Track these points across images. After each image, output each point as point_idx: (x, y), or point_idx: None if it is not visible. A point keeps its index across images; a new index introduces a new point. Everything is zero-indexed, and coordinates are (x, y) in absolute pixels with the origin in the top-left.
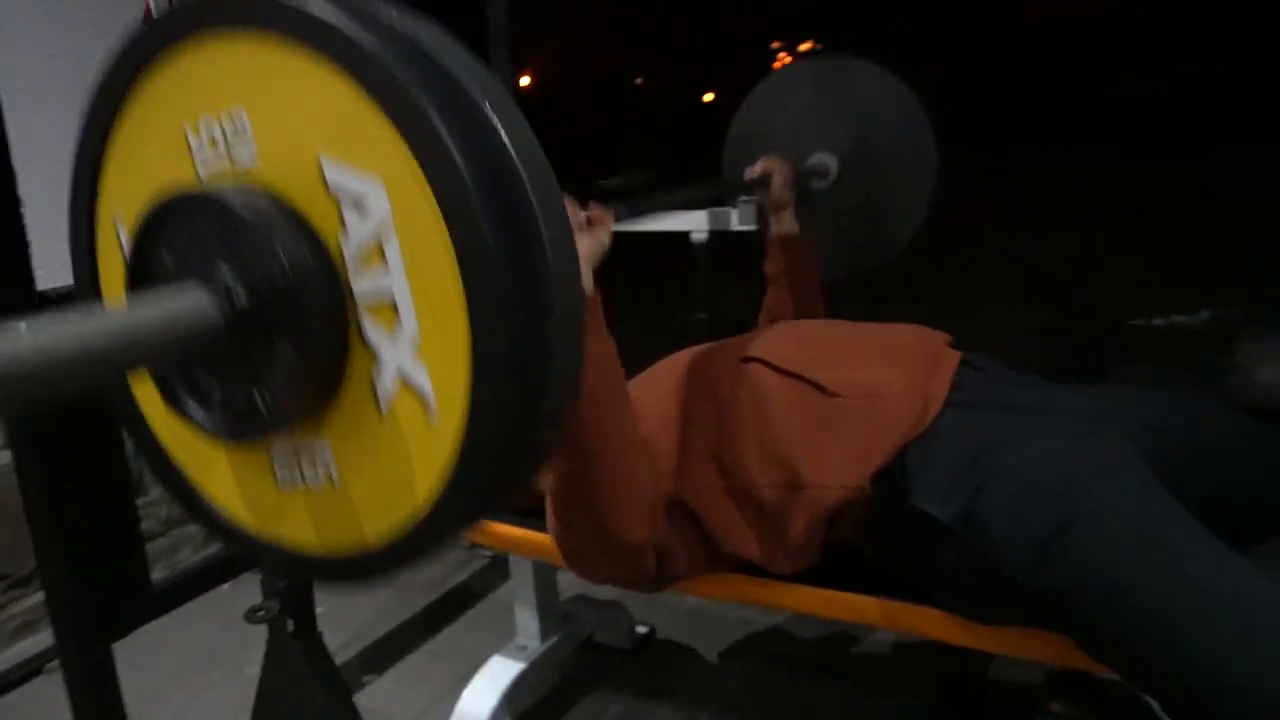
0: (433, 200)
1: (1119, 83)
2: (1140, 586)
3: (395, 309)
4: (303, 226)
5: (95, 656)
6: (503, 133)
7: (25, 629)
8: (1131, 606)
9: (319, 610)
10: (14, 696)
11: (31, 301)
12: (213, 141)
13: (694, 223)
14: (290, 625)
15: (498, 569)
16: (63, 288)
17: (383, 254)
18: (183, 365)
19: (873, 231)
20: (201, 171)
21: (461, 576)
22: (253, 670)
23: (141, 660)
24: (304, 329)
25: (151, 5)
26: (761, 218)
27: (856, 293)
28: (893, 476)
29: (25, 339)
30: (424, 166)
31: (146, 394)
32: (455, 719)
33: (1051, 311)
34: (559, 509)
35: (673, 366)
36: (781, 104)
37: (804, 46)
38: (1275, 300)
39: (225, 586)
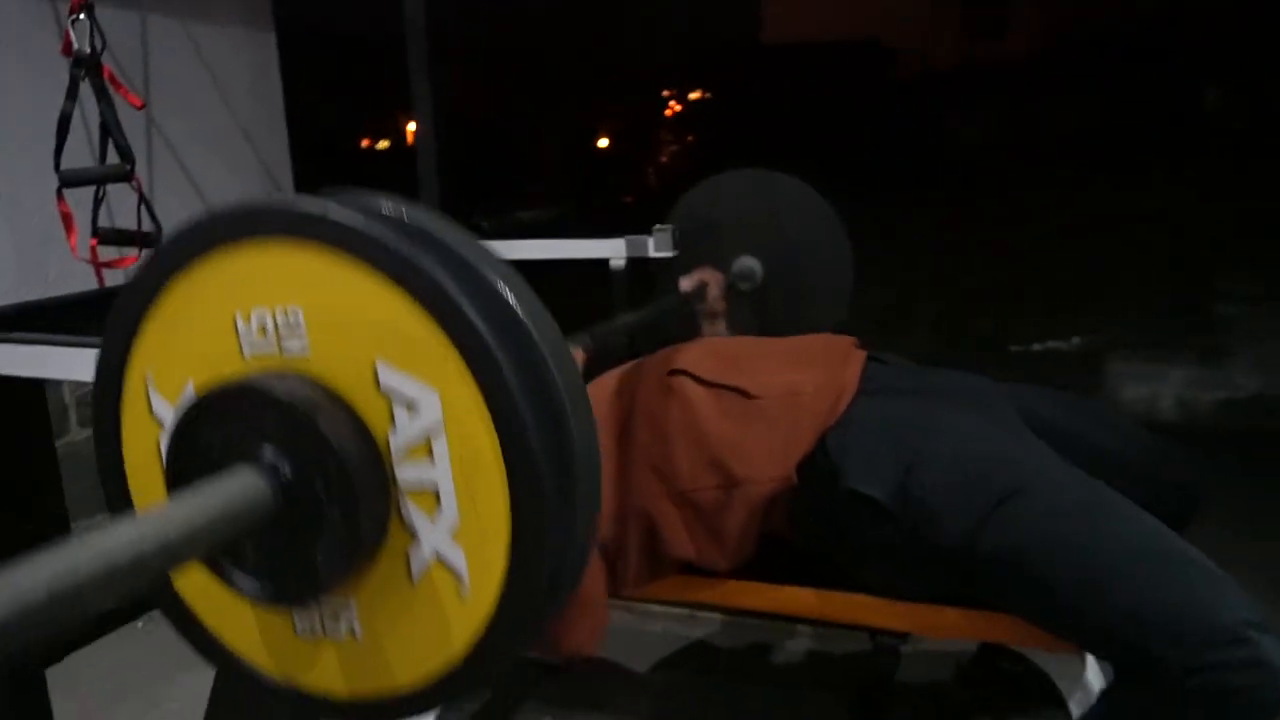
0: (487, 416)
1: (971, 133)
2: (1075, 546)
3: (438, 497)
4: (352, 416)
5: (28, 682)
6: (543, 349)
7: None
8: (1068, 565)
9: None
10: None
11: None
12: (262, 330)
13: (612, 250)
14: None
15: None
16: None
17: (429, 450)
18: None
19: (796, 327)
20: (246, 353)
21: None
22: (172, 705)
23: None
24: (349, 506)
25: (72, 36)
26: (696, 322)
27: None
28: (816, 464)
29: (75, 555)
30: (481, 387)
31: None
32: None
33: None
34: None
35: (603, 386)
36: (709, 213)
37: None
38: (1134, 325)
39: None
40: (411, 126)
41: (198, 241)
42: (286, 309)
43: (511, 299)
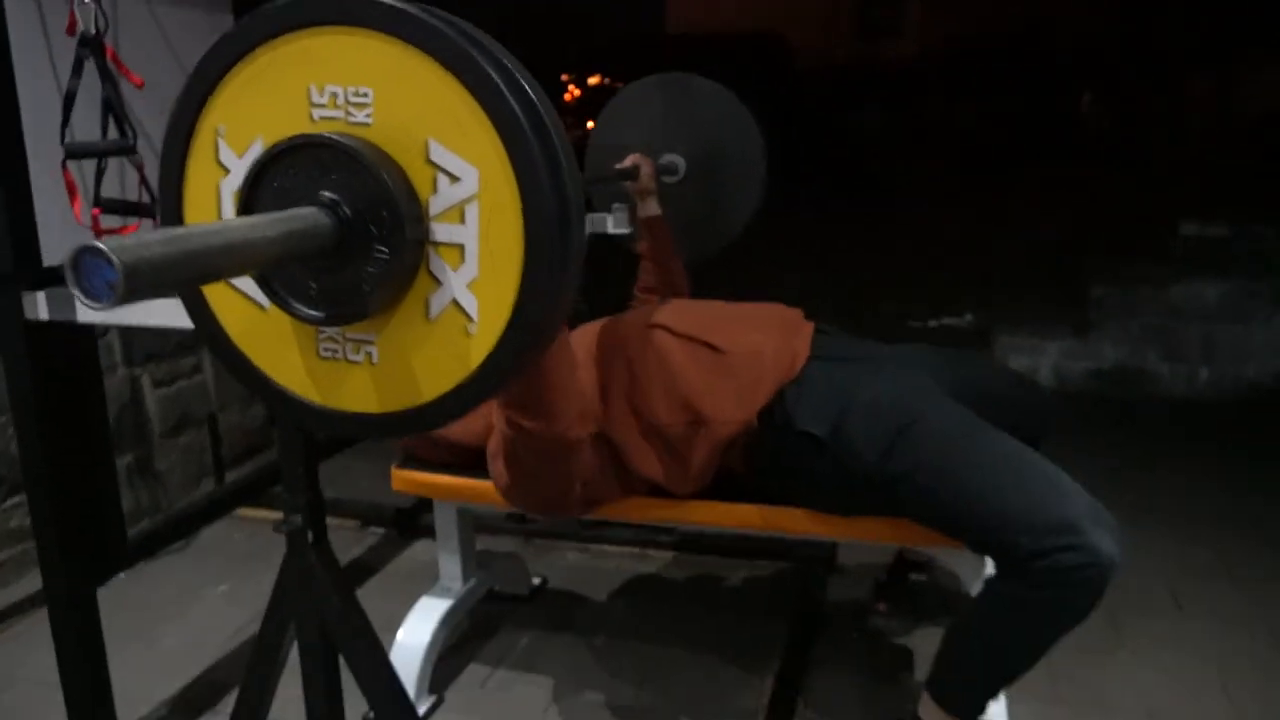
0: (516, 193)
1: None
2: (953, 464)
3: (462, 253)
4: (402, 175)
5: (80, 599)
6: (561, 150)
7: None
8: (952, 476)
9: (222, 588)
10: None
11: (41, 276)
12: (333, 101)
13: None
14: (310, 536)
15: (389, 545)
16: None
17: (462, 214)
18: (289, 268)
19: (713, 221)
20: (315, 117)
21: (357, 552)
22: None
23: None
24: (396, 244)
25: (77, 16)
26: (630, 204)
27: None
28: (773, 412)
29: (199, 234)
30: (515, 169)
31: (216, 299)
32: (396, 650)
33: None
34: (507, 434)
35: (586, 332)
36: (635, 113)
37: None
38: (1017, 305)
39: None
40: None
41: (287, 18)
42: (358, 87)
43: (541, 105)
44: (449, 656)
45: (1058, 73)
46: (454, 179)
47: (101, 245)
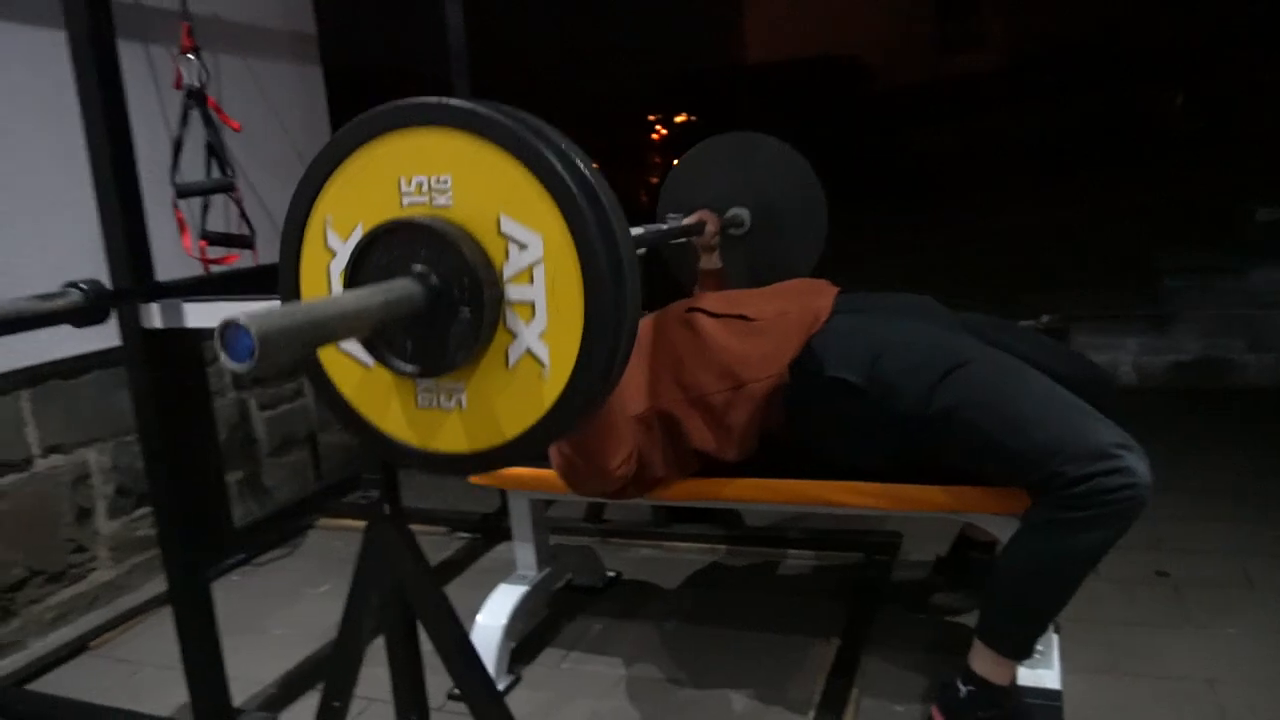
0: (574, 254)
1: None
2: (997, 399)
3: (533, 309)
4: (479, 247)
5: (197, 589)
6: (611, 213)
7: (60, 620)
8: (992, 412)
9: (324, 588)
10: (61, 672)
11: (152, 289)
12: (419, 188)
13: None
14: (386, 509)
15: (475, 547)
16: (172, 281)
17: (531, 276)
18: (389, 331)
19: (776, 270)
20: (405, 203)
21: (446, 554)
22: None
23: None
24: (477, 306)
25: (183, 72)
26: (693, 256)
27: None
28: (804, 363)
29: (316, 306)
30: (573, 234)
31: (330, 362)
32: (476, 631)
33: None
34: (560, 460)
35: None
36: (704, 169)
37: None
38: (1080, 304)
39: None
40: None
41: (378, 124)
42: (439, 175)
43: (592, 178)
44: (528, 642)
45: (1130, 68)
46: (523, 247)
47: (241, 319)
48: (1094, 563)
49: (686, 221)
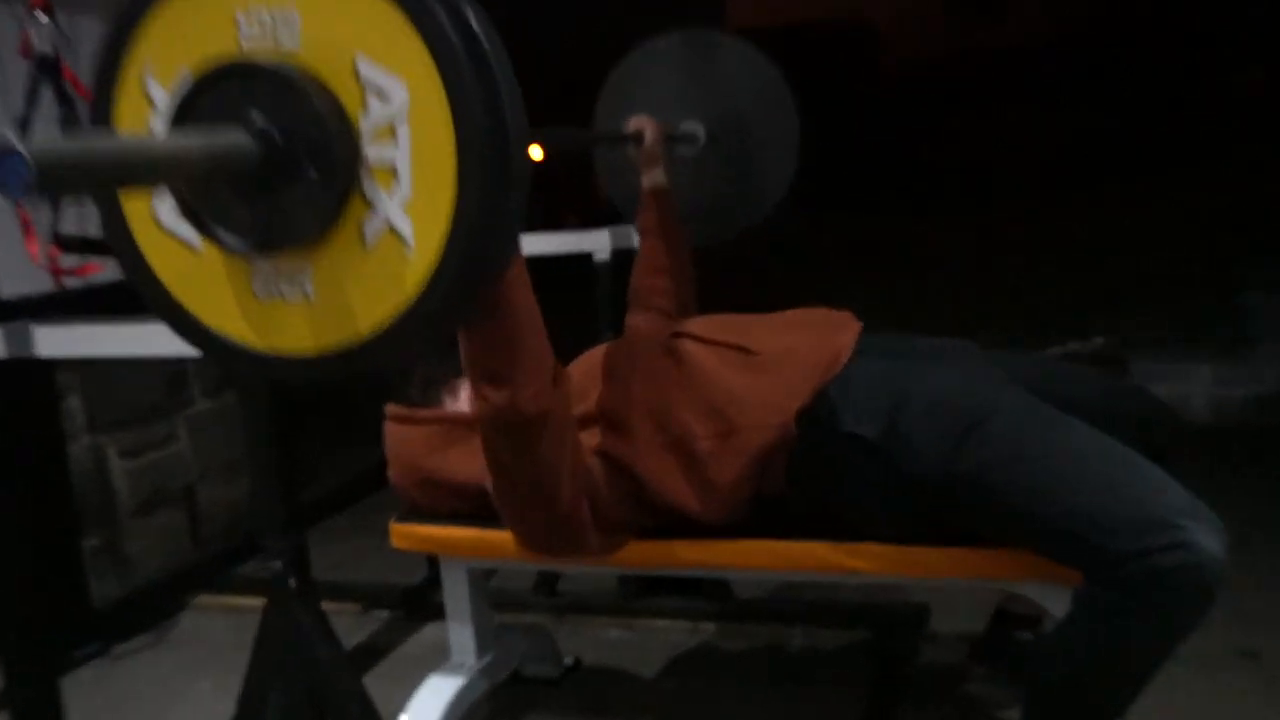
0: (446, 105)
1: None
2: (1029, 459)
3: (395, 174)
4: (331, 95)
5: (42, 687)
6: (494, 64)
7: None
8: (1024, 476)
9: (207, 682)
10: None
11: None
12: (260, 26)
13: (596, 244)
14: (292, 583)
15: (396, 629)
16: (19, 298)
17: (394, 133)
18: (216, 195)
19: (738, 197)
20: (244, 45)
21: (360, 638)
22: None
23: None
24: (327, 167)
25: (32, 37)
26: (634, 175)
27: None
28: (816, 415)
29: (117, 141)
30: (444, 80)
31: (149, 244)
32: None
33: None
34: (480, 415)
35: (599, 351)
36: (651, 73)
37: None
38: (1142, 325)
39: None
40: None
41: None
42: (284, 9)
43: (470, 13)
44: None
45: (1193, 53)
46: (383, 97)
47: (15, 143)
48: (1162, 658)
49: (625, 131)
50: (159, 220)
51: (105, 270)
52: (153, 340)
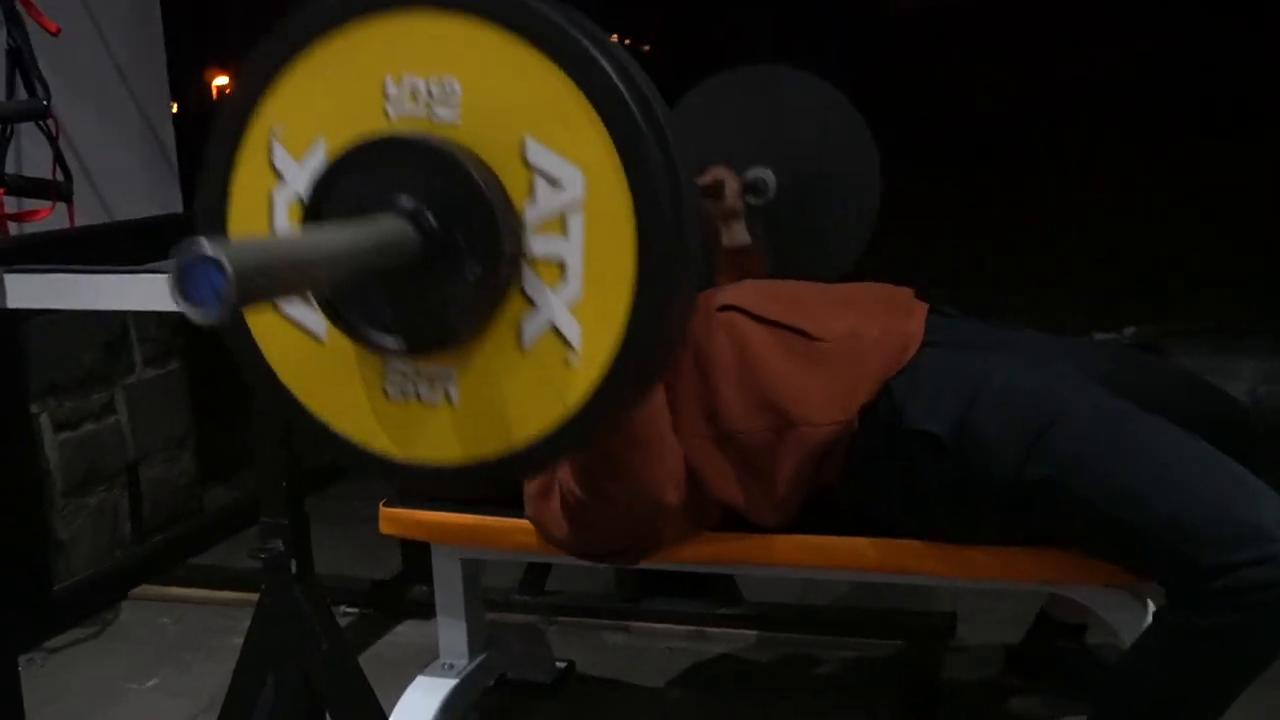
0: (629, 200)
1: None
2: (1112, 461)
3: (563, 270)
4: (496, 180)
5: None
6: (678, 159)
7: None
8: (1106, 479)
9: (154, 681)
10: None
11: None
12: (414, 96)
13: None
14: (293, 566)
15: (368, 627)
16: None
17: (564, 225)
18: (363, 289)
19: (811, 252)
20: (393, 116)
21: None
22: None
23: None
24: (489, 258)
25: None
26: (709, 233)
27: None
28: (879, 410)
29: (297, 240)
30: (628, 172)
31: (264, 331)
32: None
33: None
34: (576, 494)
35: None
36: (714, 114)
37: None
38: (1181, 315)
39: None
40: None
41: (356, 2)
42: (443, 78)
43: (654, 99)
44: None
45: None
46: (555, 184)
47: (208, 249)
48: (1241, 686)
49: (700, 182)
50: (280, 304)
51: (52, 214)
52: (143, 294)
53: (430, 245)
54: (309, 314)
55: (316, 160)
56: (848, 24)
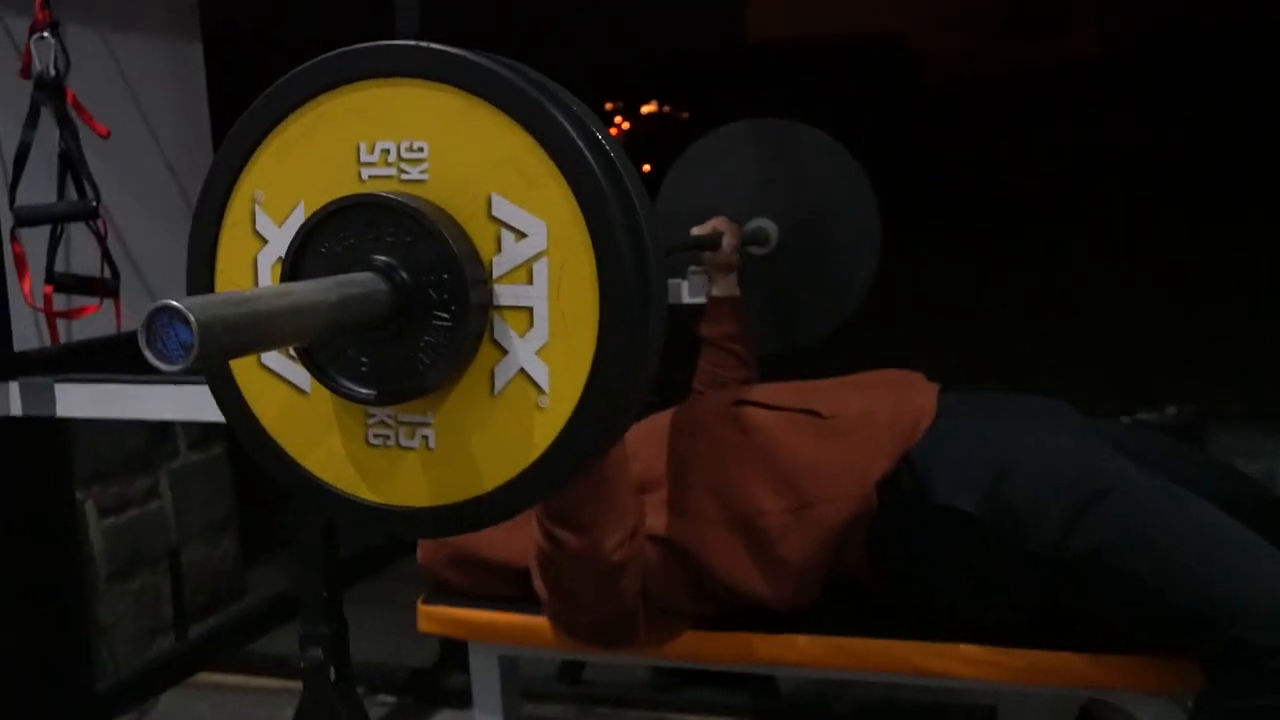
0: (590, 248)
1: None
2: (1162, 537)
3: (531, 317)
4: (464, 234)
5: None
6: (637, 198)
7: None
8: (1156, 554)
9: None
10: None
11: (11, 362)
12: (384, 158)
13: None
14: (332, 674)
15: (403, 714)
16: (34, 350)
17: (530, 274)
18: (339, 341)
19: (811, 304)
20: (364, 177)
21: None
22: None
23: None
24: (460, 312)
25: (34, 56)
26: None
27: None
28: (899, 484)
29: (261, 296)
30: (589, 220)
31: (249, 384)
32: None
33: None
34: (542, 546)
35: (651, 421)
36: (718, 165)
37: (645, 109)
38: (1233, 396)
39: None
40: None
41: (329, 74)
42: (412, 141)
43: (613, 152)
44: None
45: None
46: (520, 235)
47: (176, 303)
48: None
49: (698, 232)
50: (261, 358)
51: (99, 311)
52: (189, 404)
53: (402, 299)
54: (293, 368)
55: (297, 223)
56: (877, 93)
